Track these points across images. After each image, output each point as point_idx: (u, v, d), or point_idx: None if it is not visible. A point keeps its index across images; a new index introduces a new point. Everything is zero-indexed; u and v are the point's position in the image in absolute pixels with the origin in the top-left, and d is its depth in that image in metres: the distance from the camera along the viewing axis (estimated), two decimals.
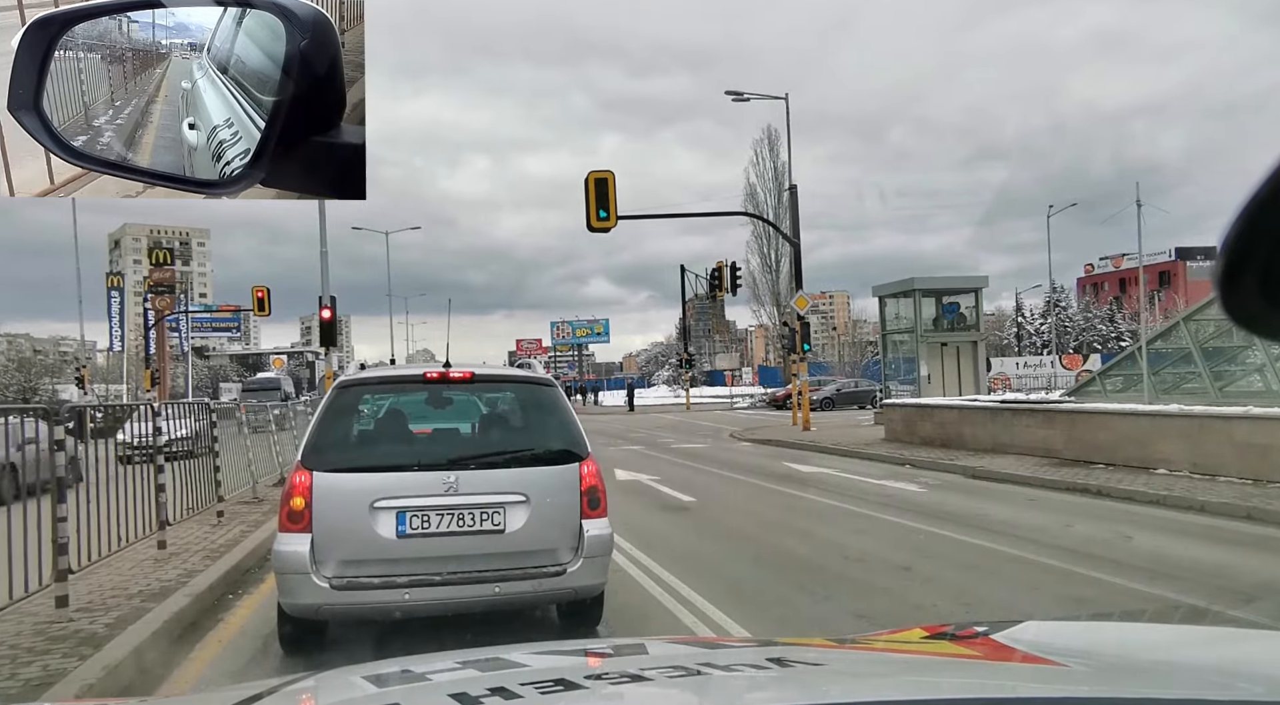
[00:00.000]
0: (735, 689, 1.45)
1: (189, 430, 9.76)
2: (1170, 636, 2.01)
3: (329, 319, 19.89)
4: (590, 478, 5.27)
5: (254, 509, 10.73)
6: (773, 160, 51.28)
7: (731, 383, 61.17)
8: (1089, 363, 51.73)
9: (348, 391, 5.47)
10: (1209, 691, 1.34)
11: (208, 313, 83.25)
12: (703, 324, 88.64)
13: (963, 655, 1.72)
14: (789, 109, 27.99)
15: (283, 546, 4.87)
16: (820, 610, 6.15)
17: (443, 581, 4.89)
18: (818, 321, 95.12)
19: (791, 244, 27.37)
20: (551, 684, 1.34)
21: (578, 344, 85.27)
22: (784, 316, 44.33)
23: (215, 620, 6.12)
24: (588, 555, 5.13)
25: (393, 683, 1.54)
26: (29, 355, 71.83)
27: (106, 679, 4.50)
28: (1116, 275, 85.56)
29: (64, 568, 5.76)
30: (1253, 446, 11.05)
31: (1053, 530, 8.93)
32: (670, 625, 5.74)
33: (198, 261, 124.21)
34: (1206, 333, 16.53)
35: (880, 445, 18.76)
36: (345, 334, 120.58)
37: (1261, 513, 9.12)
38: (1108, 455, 13.31)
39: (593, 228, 19.72)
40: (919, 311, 22.19)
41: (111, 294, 56.18)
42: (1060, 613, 5.83)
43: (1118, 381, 19.54)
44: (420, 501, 4.92)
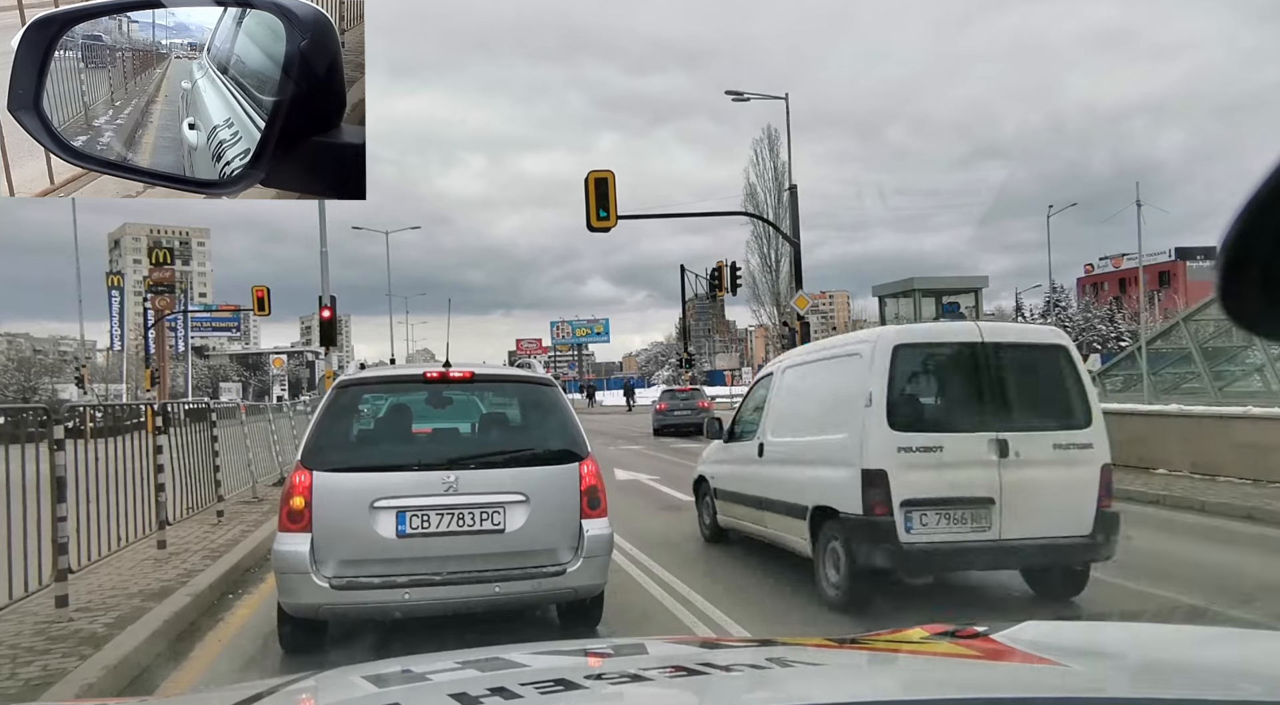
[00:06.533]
0: (735, 689, 1.45)
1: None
2: (1170, 636, 2.01)
3: (329, 319, 19.89)
4: (590, 477, 5.27)
5: (254, 509, 10.73)
6: (772, 160, 51.24)
7: (731, 382, 61.15)
8: (1089, 363, 51.66)
9: (347, 391, 5.47)
10: (1209, 691, 1.34)
11: (207, 312, 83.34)
12: (703, 324, 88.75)
13: (963, 655, 1.72)
14: (789, 109, 28.00)
15: (283, 546, 4.87)
16: (820, 610, 6.15)
17: (443, 581, 4.89)
18: (818, 321, 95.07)
19: (791, 244, 27.36)
20: (551, 684, 1.34)
21: (577, 344, 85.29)
22: (784, 316, 44.32)
23: (215, 620, 6.12)
24: (588, 555, 5.13)
25: (393, 683, 1.54)
26: (29, 355, 71.93)
27: (106, 679, 4.50)
28: (1116, 275, 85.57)
29: (64, 567, 5.76)
30: (1252, 446, 11.06)
31: None
32: (670, 625, 5.74)
33: (197, 261, 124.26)
34: (1206, 333, 16.54)
35: None
36: (345, 334, 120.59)
37: (1261, 513, 9.12)
38: None
39: (593, 228, 19.68)
40: (919, 311, 22.16)
41: (111, 294, 56.26)
42: (1060, 613, 5.83)
43: (1117, 381, 19.56)
44: (420, 501, 4.92)
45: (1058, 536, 5.88)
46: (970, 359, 6.14)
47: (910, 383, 6.16)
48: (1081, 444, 6.09)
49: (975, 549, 5.79)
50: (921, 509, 5.73)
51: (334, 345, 21.13)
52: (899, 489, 5.70)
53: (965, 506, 5.77)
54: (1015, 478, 5.81)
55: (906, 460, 5.76)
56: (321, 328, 20.34)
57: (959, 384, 6.36)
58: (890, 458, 5.76)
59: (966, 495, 5.79)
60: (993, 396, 6.06)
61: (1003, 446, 5.83)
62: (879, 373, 5.91)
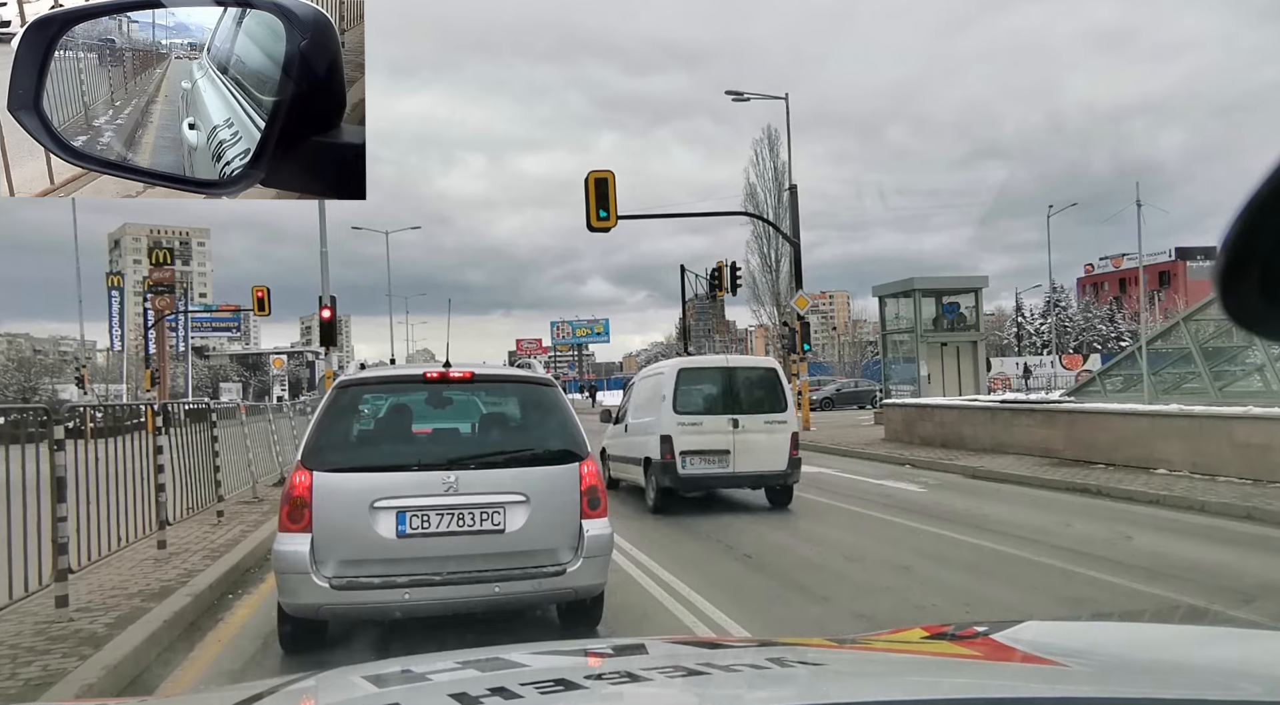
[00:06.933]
0: (735, 689, 1.45)
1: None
2: (1170, 636, 2.01)
3: (329, 319, 19.89)
4: (590, 477, 5.27)
5: (254, 509, 10.73)
6: (772, 160, 51.25)
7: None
8: (1089, 363, 51.73)
9: (347, 391, 5.47)
10: (1209, 691, 1.34)
11: (208, 312, 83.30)
12: (703, 324, 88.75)
13: (963, 655, 1.72)
14: (789, 109, 28.00)
15: (283, 546, 4.87)
16: (820, 610, 6.15)
17: (443, 581, 4.89)
18: (818, 321, 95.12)
19: (791, 244, 27.36)
20: (551, 684, 1.34)
21: (578, 344, 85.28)
22: (784, 316, 44.33)
23: (215, 620, 6.12)
24: (588, 555, 5.13)
25: (393, 683, 1.54)
26: (29, 355, 71.90)
27: (106, 679, 4.50)
28: (1116, 275, 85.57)
29: (64, 567, 5.76)
30: (1253, 446, 11.05)
31: (1053, 530, 8.93)
32: (670, 625, 5.74)
33: (197, 261, 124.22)
34: (1206, 333, 16.53)
35: (880, 445, 18.76)
36: (345, 334, 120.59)
37: (1261, 513, 9.12)
38: (1107, 455, 13.31)
39: (593, 228, 19.70)
40: (919, 311, 22.18)
41: (111, 294, 56.20)
42: (1060, 613, 5.83)
43: (1118, 381, 19.55)
44: (420, 501, 4.92)
45: (765, 471, 10.79)
46: (720, 375, 11.24)
47: (687, 388, 10.94)
48: (780, 421, 10.87)
49: (720, 477, 10.81)
50: (691, 456, 10.58)
51: (334, 345, 21.14)
52: (679, 445, 10.55)
53: (714, 454, 10.66)
54: (742, 439, 10.71)
55: (682, 430, 10.60)
56: (321, 328, 20.34)
57: (713, 389, 11.12)
58: (674, 428, 10.59)
59: (715, 448, 10.67)
60: (732, 395, 10.96)
61: (736, 422, 10.74)
62: (670, 384, 10.86)
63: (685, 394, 10.81)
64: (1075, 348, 66.68)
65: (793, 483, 10.92)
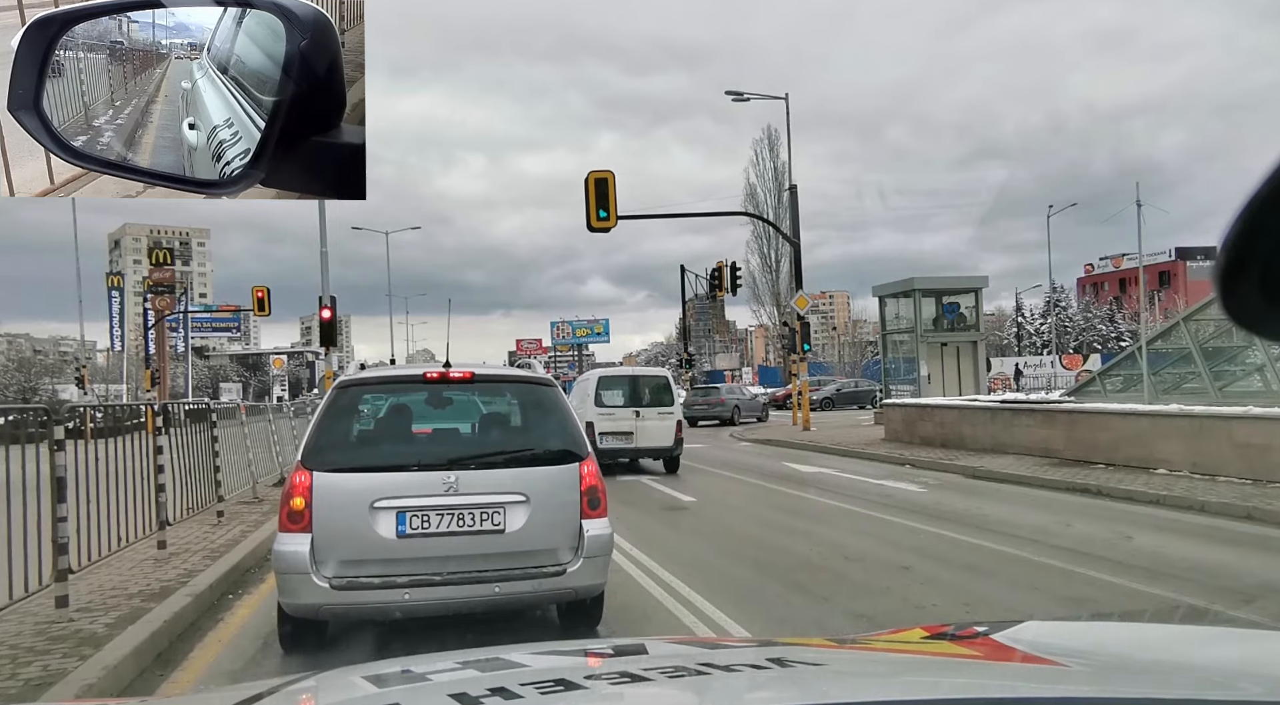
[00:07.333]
0: (735, 689, 1.45)
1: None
2: (1170, 636, 2.01)
3: (329, 319, 19.89)
4: (590, 478, 5.26)
5: (254, 509, 10.73)
6: (773, 160, 51.27)
7: (731, 382, 61.19)
8: (1089, 363, 51.71)
9: (347, 391, 5.46)
10: (1209, 691, 1.34)
11: (208, 313, 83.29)
12: (703, 324, 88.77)
13: (963, 655, 1.72)
14: (789, 109, 28.01)
15: (283, 546, 4.87)
16: (820, 610, 6.15)
17: (443, 581, 4.89)
18: (818, 321, 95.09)
19: (791, 244, 27.37)
20: (551, 684, 1.34)
21: (578, 344, 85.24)
22: (784, 316, 44.34)
23: (215, 620, 6.12)
24: (588, 555, 5.13)
25: (393, 683, 1.54)
26: (29, 355, 71.95)
27: (106, 679, 4.50)
28: (1116, 275, 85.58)
29: (64, 568, 5.76)
30: (1253, 446, 11.05)
31: (1053, 530, 8.93)
32: (670, 625, 5.74)
33: (197, 261, 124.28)
34: (1206, 333, 16.51)
35: (880, 445, 18.77)
36: (345, 334, 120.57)
37: (1261, 513, 9.12)
38: (1107, 455, 13.31)
39: (593, 228, 19.71)
40: (919, 311, 22.18)
41: (111, 294, 56.23)
42: (1060, 613, 5.83)
43: (1118, 381, 19.53)
44: (420, 501, 4.92)
45: (658, 446, 15.52)
46: (628, 381, 16.34)
47: (605, 390, 15.85)
48: (669, 412, 15.76)
49: (626, 450, 15.41)
50: (606, 436, 15.10)
51: (334, 345, 21.14)
52: (599, 428, 15.00)
53: (622, 435, 15.35)
54: (642, 424, 15.46)
55: (601, 418, 15.31)
56: (321, 328, 20.35)
57: (623, 389, 15.96)
58: (596, 417, 15.17)
59: (622, 430, 15.38)
60: (636, 395, 15.82)
61: (638, 413, 15.53)
62: (592, 386, 15.94)
63: (603, 394, 15.73)
64: (1075, 348, 66.68)
65: (677, 454, 15.67)
